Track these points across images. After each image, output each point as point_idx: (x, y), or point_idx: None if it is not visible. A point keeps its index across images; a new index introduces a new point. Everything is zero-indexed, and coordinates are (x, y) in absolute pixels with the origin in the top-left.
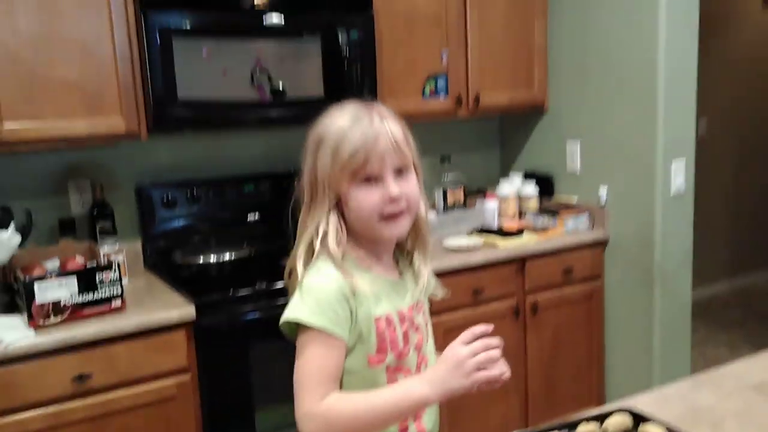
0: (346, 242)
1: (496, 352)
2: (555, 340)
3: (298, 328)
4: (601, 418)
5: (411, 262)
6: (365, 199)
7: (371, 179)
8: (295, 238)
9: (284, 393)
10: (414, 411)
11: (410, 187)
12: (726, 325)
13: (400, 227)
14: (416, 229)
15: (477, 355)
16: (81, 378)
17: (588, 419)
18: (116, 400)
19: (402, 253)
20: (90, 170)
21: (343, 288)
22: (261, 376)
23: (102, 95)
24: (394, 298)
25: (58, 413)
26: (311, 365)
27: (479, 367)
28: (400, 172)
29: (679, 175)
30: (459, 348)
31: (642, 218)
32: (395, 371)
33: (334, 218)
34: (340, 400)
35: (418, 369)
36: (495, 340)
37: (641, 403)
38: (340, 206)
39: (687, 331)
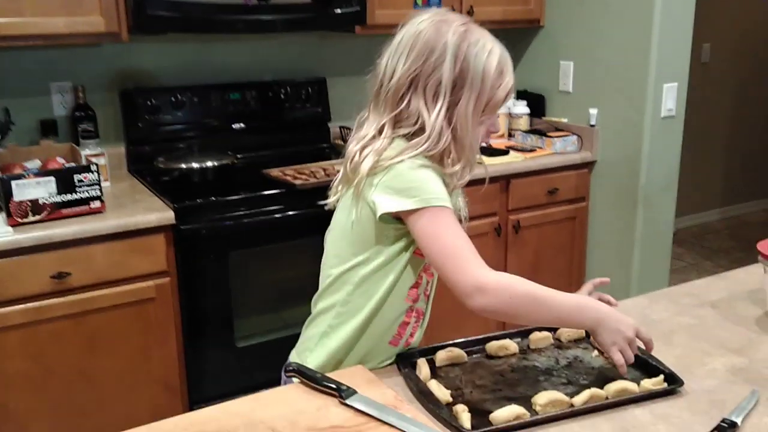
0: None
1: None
2: (535, 259)
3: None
4: (555, 329)
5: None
6: (478, 131)
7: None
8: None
9: (262, 302)
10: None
11: None
12: (712, 253)
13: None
14: None
15: (632, 343)
16: (60, 276)
17: (541, 329)
18: (95, 299)
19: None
20: (72, 73)
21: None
22: (240, 284)
23: None
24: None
25: (38, 309)
26: (458, 235)
27: (621, 349)
28: None
29: (670, 99)
30: (633, 325)
31: (630, 141)
32: (427, 267)
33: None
34: (520, 280)
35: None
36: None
37: None
38: None
39: (667, 254)
